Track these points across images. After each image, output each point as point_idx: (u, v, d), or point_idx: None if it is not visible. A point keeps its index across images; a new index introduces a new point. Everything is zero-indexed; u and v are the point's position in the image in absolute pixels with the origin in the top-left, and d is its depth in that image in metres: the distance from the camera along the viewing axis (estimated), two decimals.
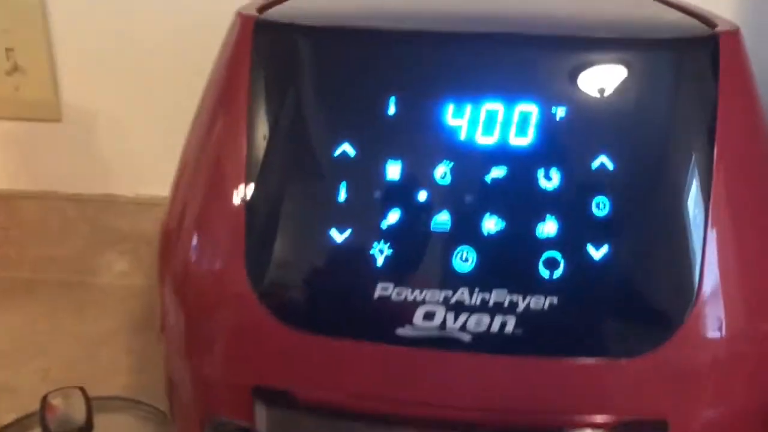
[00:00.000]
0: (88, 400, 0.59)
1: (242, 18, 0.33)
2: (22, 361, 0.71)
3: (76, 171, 0.84)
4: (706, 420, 0.30)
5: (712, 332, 0.29)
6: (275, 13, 0.34)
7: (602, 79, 0.29)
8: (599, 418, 0.29)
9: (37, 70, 0.80)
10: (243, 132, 0.31)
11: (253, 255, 0.30)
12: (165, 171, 0.80)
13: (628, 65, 0.29)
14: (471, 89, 0.29)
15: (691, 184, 0.28)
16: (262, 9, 0.34)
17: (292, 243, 0.30)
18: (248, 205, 0.30)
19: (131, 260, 0.87)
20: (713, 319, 0.29)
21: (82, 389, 0.60)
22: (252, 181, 0.30)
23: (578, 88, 0.29)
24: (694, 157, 0.28)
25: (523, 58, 0.29)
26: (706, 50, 0.29)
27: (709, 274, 0.29)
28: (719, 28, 0.31)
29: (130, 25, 0.77)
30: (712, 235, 0.28)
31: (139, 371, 0.71)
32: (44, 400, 0.58)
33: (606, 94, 0.29)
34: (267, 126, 0.31)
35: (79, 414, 0.58)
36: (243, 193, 0.30)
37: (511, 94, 0.29)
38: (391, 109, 0.29)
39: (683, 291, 0.28)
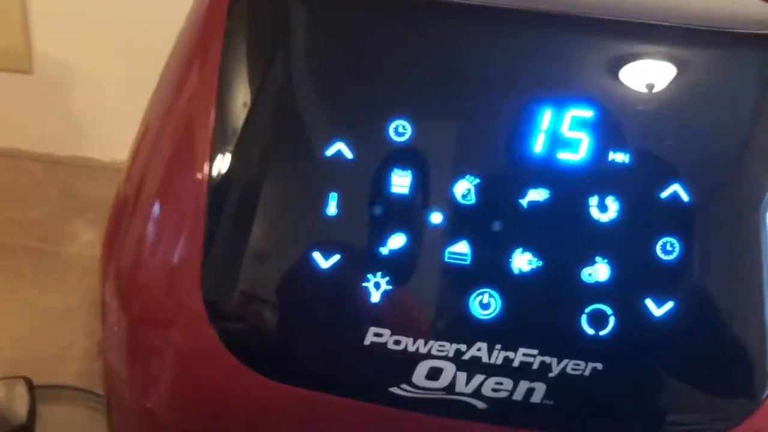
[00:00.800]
0: (32, 393, 0.54)
1: None
2: None
3: (47, 129, 0.79)
4: None
5: None
6: None
7: (683, 82, 0.22)
8: None
9: (6, 13, 0.75)
10: (211, 108, 0.24)
11: (212, 271, 0.24)
12: None
13: (716, 65, 0.22)
14: (508, 82, 0.22)
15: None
16: None
17: (262, 264, 0.23)
18: (208, 217, 0.23)
19: (101, 230, 0.82)
20: None
21: (27, 380, 0.55)
22: (216, 180, 0.24)
23: (650, 91, 0.22)
24: None
25: (578, 46, 0.23)
26: None
27: None
28: None
29: None
30: None
31: (98, 356, 0.66)
32: None
33: (688, 101, 0.22)
34: (240, 109, 0.24)
35: (21, 408, 0.54)
36: (205, 194, 0.24)
37: (561, 93, 0.22)
38: (403, 102, 0.23)
39: (759, 373, 0.22)
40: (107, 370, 0.29)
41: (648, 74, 0.22)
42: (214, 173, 0.24)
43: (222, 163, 0.24)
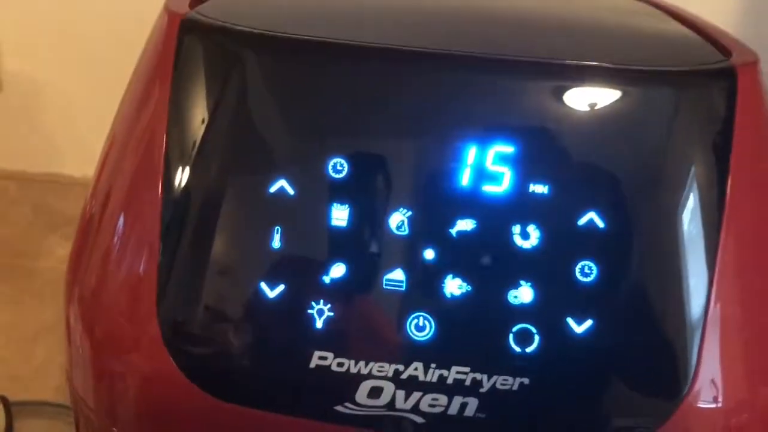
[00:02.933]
0: (9, 412, 0.55)
1: (169, 15, 0.27)
2: None
3: (18, 145, 0.80)
4: None
5: (710, 416, 0.25)
6: (209, 7, 0.28)
7: (597, 116, 0.24)
8: None
9: None
10: (159, 154, 0.26)
11: (166, 298, 0.25)
12: None
13: (629, 101, 0.24)
14: (435, 122, 0.24)
15: (695, 250, 0.24)
16: (194, 2, 0.29)
17: (213, 293, 0.25)
18: (163, 238, 0.25)
19: None
20: (711, 401, 0.25)
21: (3, 399, 0.56)
22: (168, 215, 0.25)
23: (567, 126, 0.24)
24: (699, 219, 0.24)
25: (500, 87, 0.24)
26: (722, 88, 0.24)
27: (709, 353, 0.24)
28: (736, 58, 0.26)
29: None
30: (715, 310, 0.24)
31: (66, 379, 0.67)
32: None
33: (601, 135, 0.24)
34: (188, 146, 0.25)
35: None
36: (154, 225, 0.25)
37: (485, 130, 0.24)
38: (340, 141, 0.24)
39: (678, 374, 0.24)
40: (73, 393, 0.30)
41: (564, 110, 0.24)
42: (166, 205, 0.25)
43: (173, 197, 0.25)
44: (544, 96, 0.24)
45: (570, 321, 0.24)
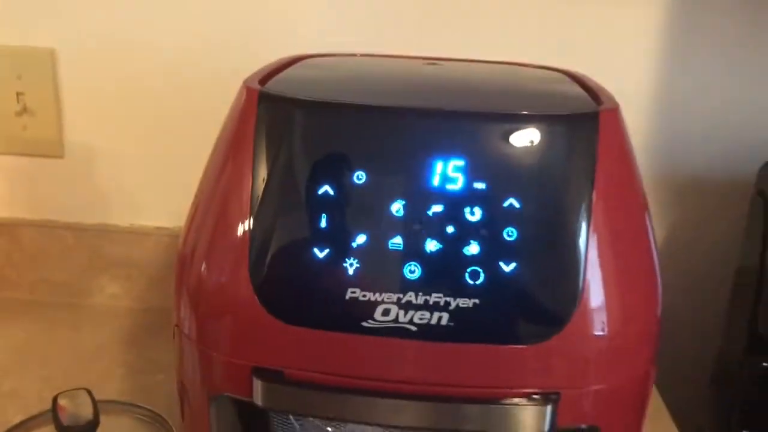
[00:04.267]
0: (94, 399, 0.68)
1: (248, 90, 0.43)
2: (25, 371, 0.79)
3: (76, 202, 0.93)
4: (591, 392, 0.41)
5: (593, 327, 0.40)
6: (274, 84, 0.45)
7: (511, 144, 0.40)
8: (510, 390, 0.40)
9: (44, 111, 0.89)
10: (248, 179, 0.42)
11: (255, 269, 0.41)
12: (157, 204, 0.91)
13: (529, 134, 0.40)
14: (419, 149, 0.40)
15: (576, 221, 0.39)
16: (263, 80, 0.45)
17: (285, 259, 0.40)
18: (252, 231, 0.40)
19: (122, 284, 0.96)
20: (593, 317, 0.40)
21: (88, 390, 0.69)
22: (254, 214, 0.41)
23: (494, 150, 0.40)
24: (578, 202, 0.39)
25: (456, 129, 0.41)
26: (589, 125, 0.40)
27: (589, 286, 0.40)
28: (602, 106, 0.43)
29: (128, 73, 0.87)
30: (592, 256, 0.39)
31: (131, 380, 0.79)
32: (54, 400, 0.67)
33: (514, 154, 0.40)
34: (267, 174, 0.41)
35: (85, 412, 0.67)
36: (248, 223, 0.41)
37: (447, 154, 0.40)
38: (361, 162, 0.40)
39: (569, 297, 0.39)
40: (180, 338, 0.45)
41: (491, 139, 0.40)
42: (254, 222, 0.41)
43: (258, 213, 0.41)
44: (478, 131, 0.40)
45: (501, 264, 0.39)
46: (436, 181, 0.40)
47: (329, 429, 0.48)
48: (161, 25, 0.85)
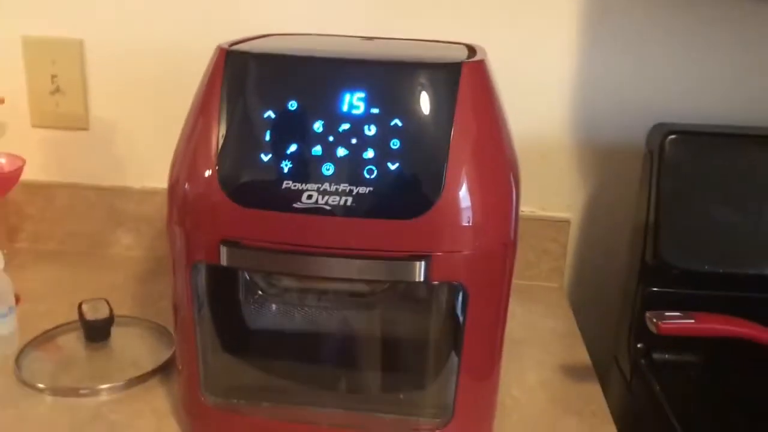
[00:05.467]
0: (110, 305, 0.86)
1: (218, 49, 0.62)
2: (56, 299, 0.97)
3: (98, 167, 1.10)
4: (454, 256, 0.58)
5: (452, 208, 0.58)
6: (239, 47, 0.63)
7: (398, 82, 0.58)
8: (395, 252, 0.57)
9: (73, 91, 1.07)
10: (216, 111, 0.60)
11: (221, 170, 0.59)
12: (164, 168, 1.08)
13: (410, 75, 0.58)
14: (332, 87, 0.58)
15: (442, 136, 0.57)
16: (232, 44, 0.63)
17: (241, 163, 0.58)
18: (218, 146, 0.58)
19: (134, 236, 1.14)
20: (452, 201, 0.57)
21: (105, 300, 0.87)
22: (220, 134, 0.59)
23: (387, 86, 0.58)
24: (444, 123, 0.57)
25: (360, 71, 0.59)
26: (452, 72, 0.58)
27: (449, 180, 0.57)
28: (467, 60, 0.60)
29: (142, 59, 1.05)
30: (451, 159, 0.57)
31: (141, 305, 0.97)
32: (80, 305, 0.86)
33: (399, 89, 0.58)
34: (229, 106, 0.59)
35: (103, 314, 0.85)
36: (215, 141, 0.59)
37: (353, 89, 0.58)
38: (292, 95, 0.58)
39: (435, 187, 0.57)
40: (172, 233, 0.63)
41: (387, 80, 0.58)
42: (220, 140, 0.59)
43: (223, 133, 0.59)
44: (375, 73, 0.58)
45: (388, 164, 0.57)
46: (345, 108, 0.58)
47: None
48: (171, 19, 1.03)
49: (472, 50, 0.68)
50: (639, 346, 0.90)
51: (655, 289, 0.90)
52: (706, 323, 0.68)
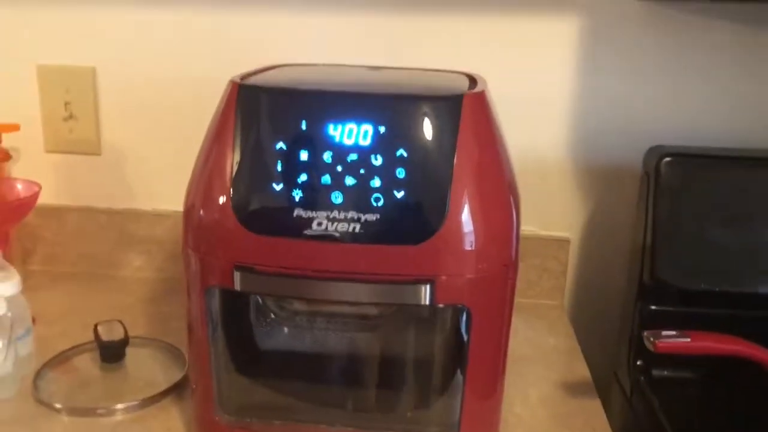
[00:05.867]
0: (124, 326, 0.88)
1: (231, 83, 0.65)
2: (70, 320, 1.00)
3: (109, 191, 1.14)
4: (459, 279, 0.61)
5: (456, 234, 0.60)
6: (250, 80, 0.66)
7: (404, 114, 0.61)
8: (401, 276, 0.60)
9: (86, 117, 1.11)
10: (230, 143, 0.62)
11: (235, 199, 0.62)
12: (173, 191, 1.12)
13: (415, 108, 0.61)
14: (340, 119, 0.61)
15: (445, 166, 0.60)
16: (243, 78, 0.66)
17: (254, 192, 0.61)
18: (232, 176, 0.61)
19: (145, 258, 1.16)
20: (456, 228, 0.60)
21: (120, 321, 0.89)
22: (234, 165, 0.62)
23: (392, 117, 0.61)
24: (447, 154, 0.60)
25: (366, 105, 0.62)
26: (454, 104, 0.61)
27: (452, 207, 0.60)
28: (468, 92, 0.63)
29: (152, 87, 1.09)
30: (455, 188, 0.60)
31: (152, 325, 1.00)
32: (95, 327, 0.88)
33: (405, 121, 0.61)
34: (242, 139, 0.62)
35: (118, 335, 0.87)
36: (229, 171, 0.62)
37: (360, 120, 0.61)
38: (303, 128, 0.61)
39: (439, 214, 0.60)
40: (188, 259, 0.66)
41: (392, 114, 0.61)
42: (234, 170, 0.62)
43: (236, 164, 0.62)
44: (381, 106, 0.61)
45: (394, 192, 0.60)
46: (352, 139, 0.61)
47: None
48: (180, 47, 1.07)
49: (472, 80, 0.71)
50: (638, 363, 0.93)
51: (653, 307, 0.92)
52: (701, 341, 0.70)
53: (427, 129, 0.61)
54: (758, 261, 0.87)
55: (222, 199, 0.62)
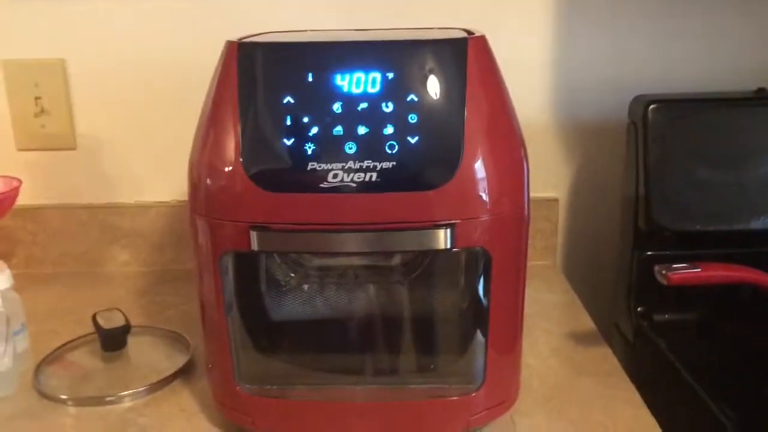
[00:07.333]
0: (124, 313, 0.86)
1: (228, 43, 0.64)
2: (60, 319, 0.97)
3: (88, 186, 1.11)
4: (477, 222, 0.61)
5: (472, 176, 0.60)
6: (247, 41, 0.65)
7: (411, 59, 0.61)
8: (420, 223, 0.60)
9: (58, 111, 1.08)
10: (235, 101, 0.61)
11: (246, 157, 0.60)
12: (155, 182, 1.10)
13: (423, 53, 0.61)
14: (348, 68, 0.60)
15: (454, 109, 0.60)
16: (241, 39, 0.65)
17: (265, 148, 0.60)
18: (241, 133, 0.60)
19: (131, 252, 1.14)
20: (471, 169, 0.60)
21: (118, 309, 0.87)
22: (242, 121, 0.61)
23: (400, 63, 0.60)
24: (458, 97, 0.60)
25: (373, 52, 0.61)
26: (460, 46, 0.61)
27: (466, 153, 0.60)
28: (472, 36, 0.63)
29: (126, 75, 1.06)
30: (468, 131, 0.60)
31: (148, 317, 0.98)
32: (94, 316, 0.86)
33: (413, 66, 0.60)
34: (248, 95, 0.61)
35: (119, 322, 0.85)
36: (238, 128, 0.61)
37: (368, 68, 0.60)
38: (310, 80, 0.60)
39: (455, 158, 0.59)
40: (197, 224, 0.64)
41: (400, 58, 0.60)
42: (241, 126, 0.60)
43: (244, 121, 0.61)
44: (388, 53, 0.61)
45: (408, 138, 0.59)
46: (361, 88, 0.60)
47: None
48: (151, 34, 1.05)
49: (469, 32, 0.71)
50: (639, 309, 0.94)
51: (649, 253, 0.94)
52: (711, 271, 0.72)
53: (436, 73, 0.60)
54: (749, 198, 0.89)
55: (232, 162, 0.61)
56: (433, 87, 0.60)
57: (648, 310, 0.93)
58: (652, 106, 0.90)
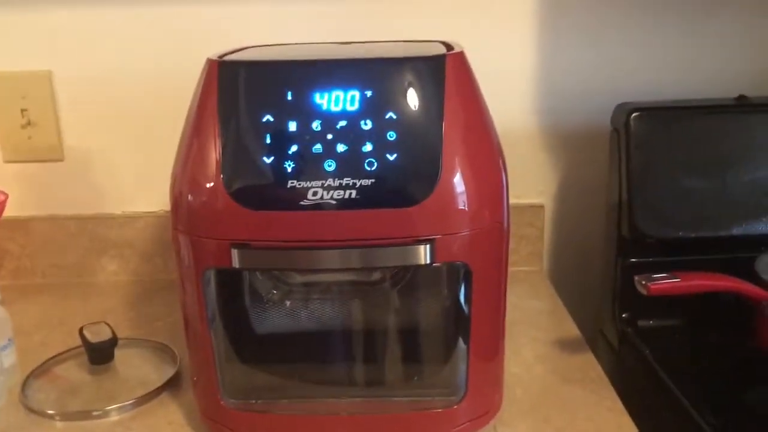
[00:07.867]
0: (111, 327, 0.86)
1: (209, 61, 0.64)
2: (48, 331, 0.97)
3: (75, 197, 1.11)
4: (456, 237, 0.61)
5: (450, 194, 0.61)
6: (230, 57, 0.65)
7: (389, 76, 0.61)
8: (398, 239, 0.60)
9: (45, 123, 1.08)
10: (214, 119, 0.62)
11: (226, 175, 0.61)
12: (143, 192, 1.10)
13: (401, 70, 0.61)
14: (326, 87, 0.61)
15: (435, 126, 0.60)
16: (222, 56, 0.66)
17: (246, 168, 0.61)
18: (221, 151, 0.60)
19: (119, 262, 1.14)
20: (449, 187, 0.61)
21: (105, 322, 0.87)
22: (222, 140, 0.61)
23: (378, 81, 0.61)
24: (435, 114, 0.60)
25: (352, 70, 0.62)
26: (438, 64, 0.62)
27: (445, 168, 0.60)
28: (450, 52, 0.64)
29: (113, 87, 1.06)
30: (446, 149, 0.60)
31: (136, 329, 0.98)
32: (81, 330, 0.86)
33: (392, 84, 0.61)
34: (227, 113, 0.62)
35: (105, 335, 0.85)
36: (218, 147, 0.61)
37: (347, 86, 0.61)
38: (289, 98, 0.61)
39: (433, 174, 0.60)
40: (179, 241, 0.65)
41: (375, 76, 0.61)
42: (221, 145, 0.61)
43: (224, 139, 0.61)
44: (366, 70, 0.61)
45: (387, 155, 0.60)
46: (340, 105, 0.61)
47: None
48: (139, 45, 1.05)
49: (448, 46, 0.72)
50: (624, 315, 0.95)
51: (633, 260, 0.94)
52: (691, 280, 0.72)
53: (414, 90, 0.61)
54: (731, 205, 0.90)
55: (212, 179, 0.61)
56: (412, 104, 0.61)
57: (632, 316, 0.94)
58: (634, 114, 0.90)
